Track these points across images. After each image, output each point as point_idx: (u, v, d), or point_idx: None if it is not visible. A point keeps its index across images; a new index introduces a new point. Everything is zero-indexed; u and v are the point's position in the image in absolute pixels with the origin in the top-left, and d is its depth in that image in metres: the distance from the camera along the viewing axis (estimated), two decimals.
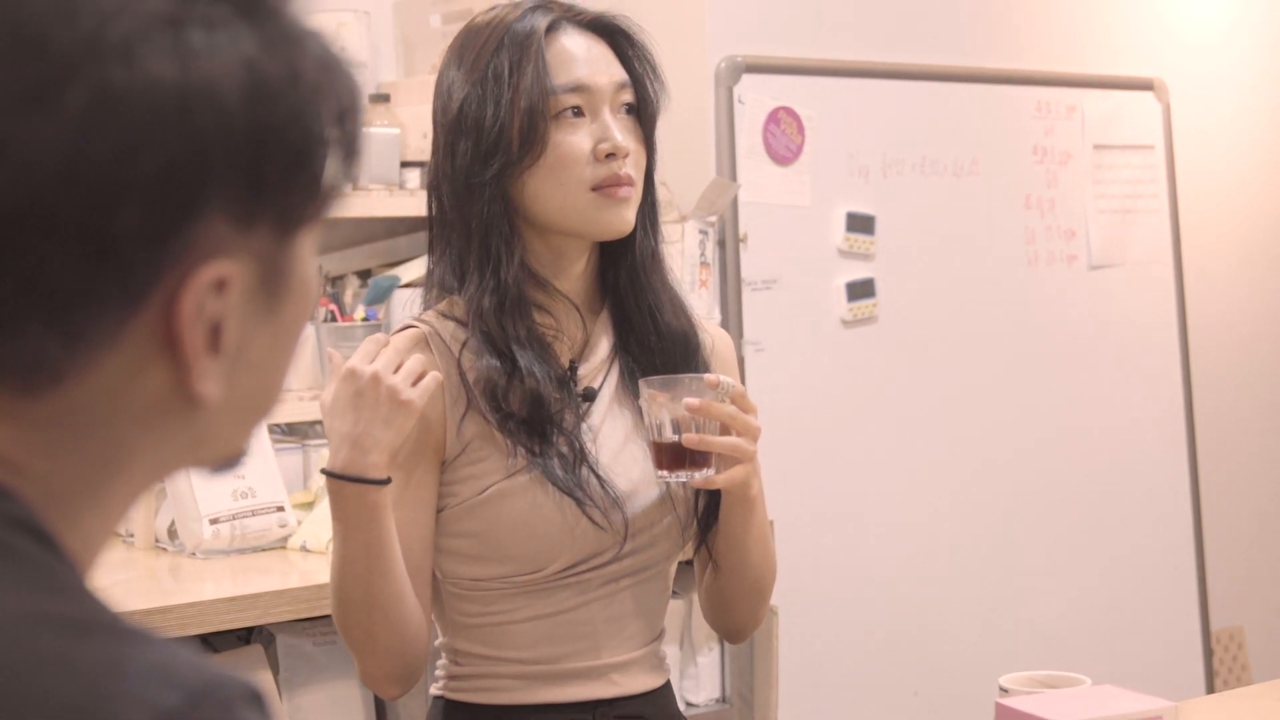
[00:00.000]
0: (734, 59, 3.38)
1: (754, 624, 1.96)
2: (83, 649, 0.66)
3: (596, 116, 1.76)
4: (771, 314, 3.40)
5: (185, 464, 0.80)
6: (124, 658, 0.67)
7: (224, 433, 0.79)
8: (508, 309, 1.76)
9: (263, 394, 0.79)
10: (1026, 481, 3.79)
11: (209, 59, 0.72)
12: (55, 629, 0.67)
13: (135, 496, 0.78)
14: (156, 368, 0.73)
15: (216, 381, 0.75)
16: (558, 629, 1.79)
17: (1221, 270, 4.33)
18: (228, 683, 0.68)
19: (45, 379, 0.72)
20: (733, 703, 3.27)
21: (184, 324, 0.72)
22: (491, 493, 1.76)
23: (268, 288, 0.76)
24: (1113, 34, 4.08)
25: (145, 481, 0.78)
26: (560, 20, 1.78)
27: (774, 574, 1.93)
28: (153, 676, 0.66)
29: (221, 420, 0.78)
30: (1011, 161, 3.81)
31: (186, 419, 0.76)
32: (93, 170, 0.69)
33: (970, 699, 2.47)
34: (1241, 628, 4.37)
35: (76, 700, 0.64)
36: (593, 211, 1.75)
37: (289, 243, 0.77)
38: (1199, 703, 2.32)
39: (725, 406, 1.73)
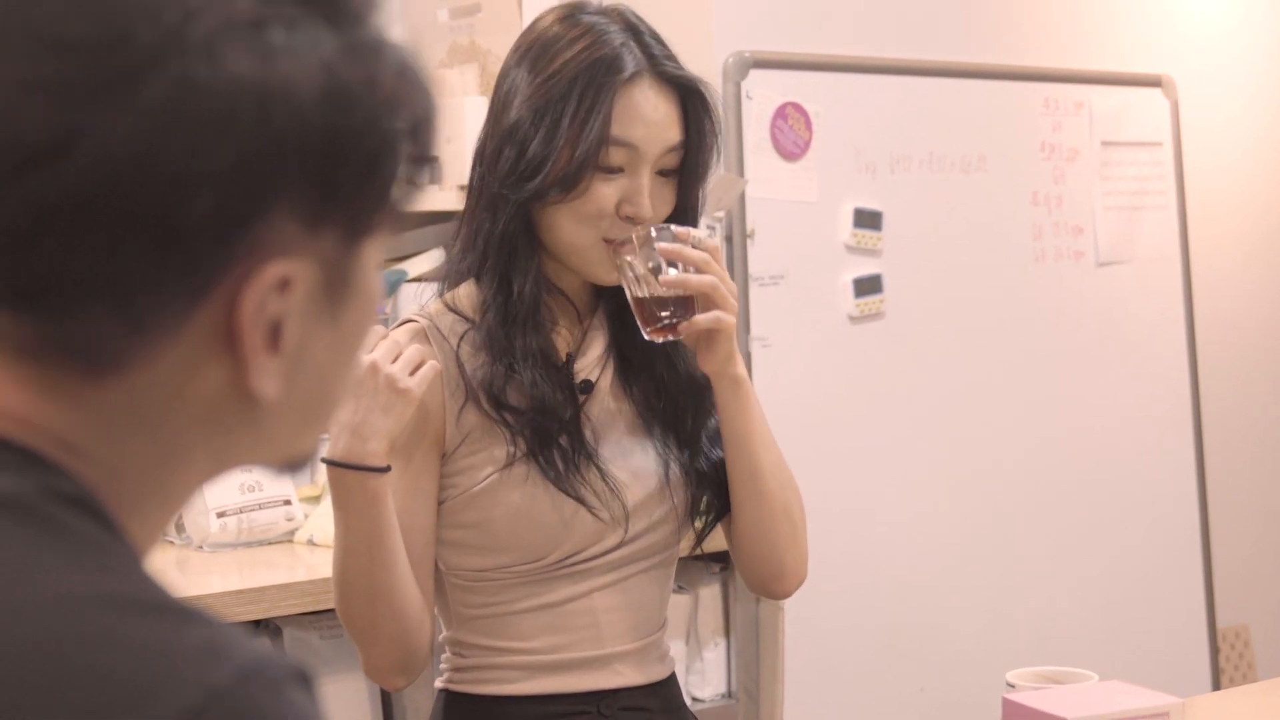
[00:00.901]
0: (741, 54, 3.38)
1: (795, 559, 1.88)
2: (134, 626, 0.67)
3: (634, 176, 1.76)
4: (779, 309, 3.40)
5: (248, 461, 0.80)
6: (175, 636, 0.67)
7: (285, 434, 0.80)
8: (519, 321, 1.77)
9: (322, 397, 0.80)
10: (1033, 477, 3.79)
11: (289, 60, 0.73)
12: (108, 606, 0.68)
13: (195, 487, 0.79)
14: (216, 363, 0.74)
15: (275, 380, 0.75)
16: (560, 619, 1.80)
17: (1229, 267, 4.33)
18: (277, 663, 0.69)
19: (108, 364, 0.73)
20: (738, 698, 3.27)
21: (245, 320, 0.73)
22: (490, 483, 1.76)
23: (331, 292, 0.77)
24: (1121, 31, 4.08)
25: (206, 473, 0.79)
26: (643, 72, 1.76)
27: (798, 500, 1.88)
28: (203, 655, 0.67)
29: (282, 421, 0.79)
30: (1019, 158, 3.80)
31: (246, 416, 0.77)
32: (167, 162, 0.70)
33: (977, 694, 2.47)
34: (1247, 626, 4.37)
35: (126, 676, 0.65)
36: (595, 257, 1.77)
37: (355, 249, 0.78)
38: (1205, 699, 2.32)
39: (698, 252, 1.74)
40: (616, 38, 1.76)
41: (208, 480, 0.80)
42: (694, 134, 1.79)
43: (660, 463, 1.85)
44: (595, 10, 1.81)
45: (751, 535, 1.86)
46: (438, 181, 3.11)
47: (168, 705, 0.64)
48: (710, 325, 1.74)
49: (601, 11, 1.81)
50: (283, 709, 0.67)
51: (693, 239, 1.75)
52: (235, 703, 0.66)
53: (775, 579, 1.89)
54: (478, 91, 3.15)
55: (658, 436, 1.86)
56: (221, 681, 0.66)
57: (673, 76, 1.78)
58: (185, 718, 0.64)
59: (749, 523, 1.86)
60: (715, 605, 3.28)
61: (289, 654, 0.70)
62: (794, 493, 1.87)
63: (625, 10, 1.82)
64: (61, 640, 0.66)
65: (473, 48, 3.24)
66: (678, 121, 1.78)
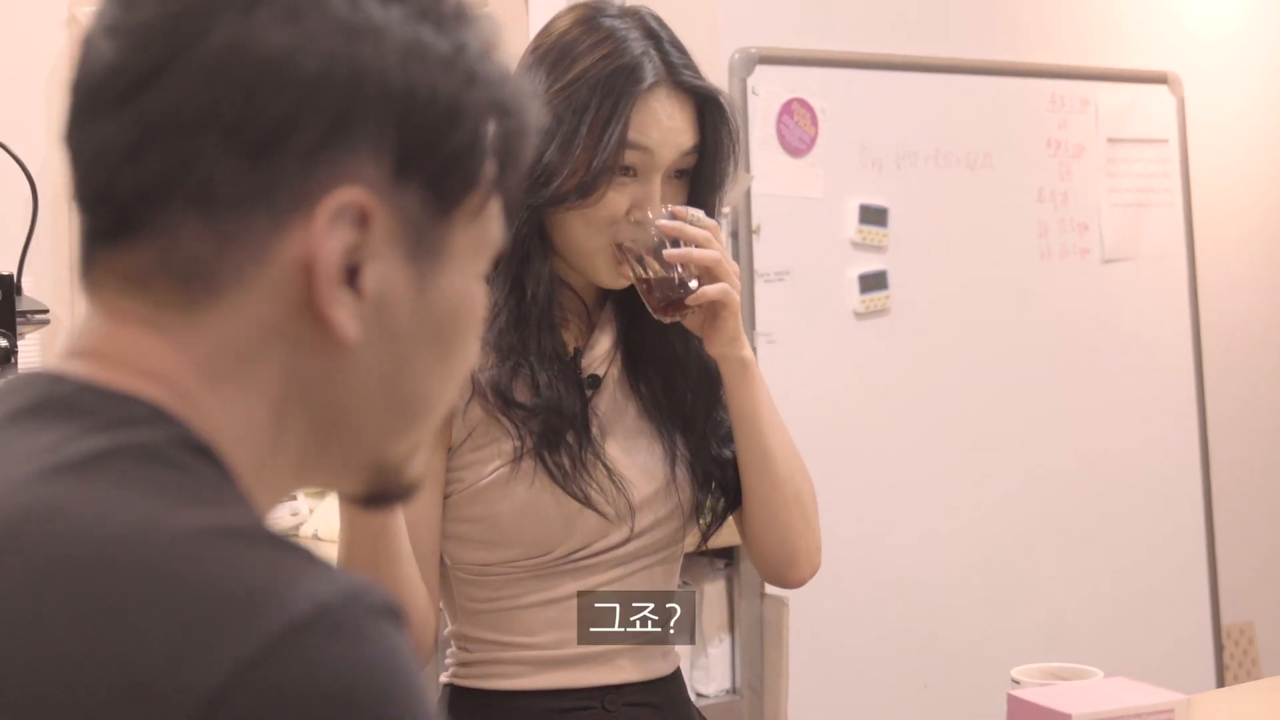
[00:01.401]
0: (748, 50, 3.38)
1: (808, 545, 1.87)
2: (250, 551, 0.72)
3: (647, 181, 1.76)
4: (784, 305, 3.40)
5: (341, 453, 0.83)
6: (287, 560, 0.73)
7: (373, 416, 0.83)
8: (532, 323, 1.77)
9: (412, 386, 0.83)
10: (1038, 474, 3.79)
11: (380, 8, 0.79)
12: (227, 535, 0.73)
13: (296, 457, 0.82)
14: (301, 301, 0.78)
15: (354, 320, 0.79)
16: (565, 614, 1.80)
17: (1234, 264, 4.33)
18: (378, 592, 0.73)
19: (200, 288, 0.78)
20: (743, 694, 3.27)
21: (318, 231, 0.77)
22: (496, 477, 1.77)
23: (416, 255, 0.81)
24: (1127, 28, 4.08)
25: (303, 443, 0.82)
26: (662, 81, 1.76)
27: (809, 485, 1.87)
28: (311, 576, 0.72)
29: (368, 392, 0.82)
30: (1025, 154, 3.80)
31: (331, 366, 0.80)
32: (254, 74, 0.76)
33: (981, 691, 2.47)
34: (1252, 623, 4.37)
35: (243, 589, 0.70)
36: (601, 261, 1.77)
37: (442, 220, 0.81)
38: (1210, 696, 2.32)
39: (698, 230, 1.74)
40: (637, 46, 1.76)
41: (306, 462, 0.83)
42: (709, 140, 1.79)
43: (666, 459, 1.85)
44: (615, 13, 1.80)
45: (763, 521, 1.85)
46: None
47: (280, 613, 0.69)
48: (718, 296, 1.74)
49: (621, 15, 1.80)
50: (378, 633, 0.72)
51: (691, 217, 1.75)
52: (339, 618, 0.70)
53: (788, 566, 1.88)
54: None
55: (664, 432, 1.86)
56: (329, 598, 0.71)
57: (691, 86, 1.78)
58: (294, 626, 0.69)
59: (760, 508, 1.85)
60: (720, 601, 3.28)
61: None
62: (805, 479, 1.87)
63: (645, 14, 1.81)
64: (187, 560, 0.71)
65: None
66: (693, 128, 1.78)
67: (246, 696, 0.67)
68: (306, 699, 0.68)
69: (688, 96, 1.78)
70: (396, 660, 0.72)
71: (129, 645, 0.68)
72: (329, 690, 0.69)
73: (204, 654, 0.68)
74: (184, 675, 0.68)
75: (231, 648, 0.68)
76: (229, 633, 0.69)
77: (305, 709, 0.68)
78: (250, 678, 0.68)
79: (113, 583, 0.70)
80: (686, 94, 1.77)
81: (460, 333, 0.85)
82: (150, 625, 0.69)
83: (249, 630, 0.69)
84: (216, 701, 0.67)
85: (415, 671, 0.74)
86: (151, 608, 0.69)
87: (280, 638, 0.69)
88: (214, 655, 0.68)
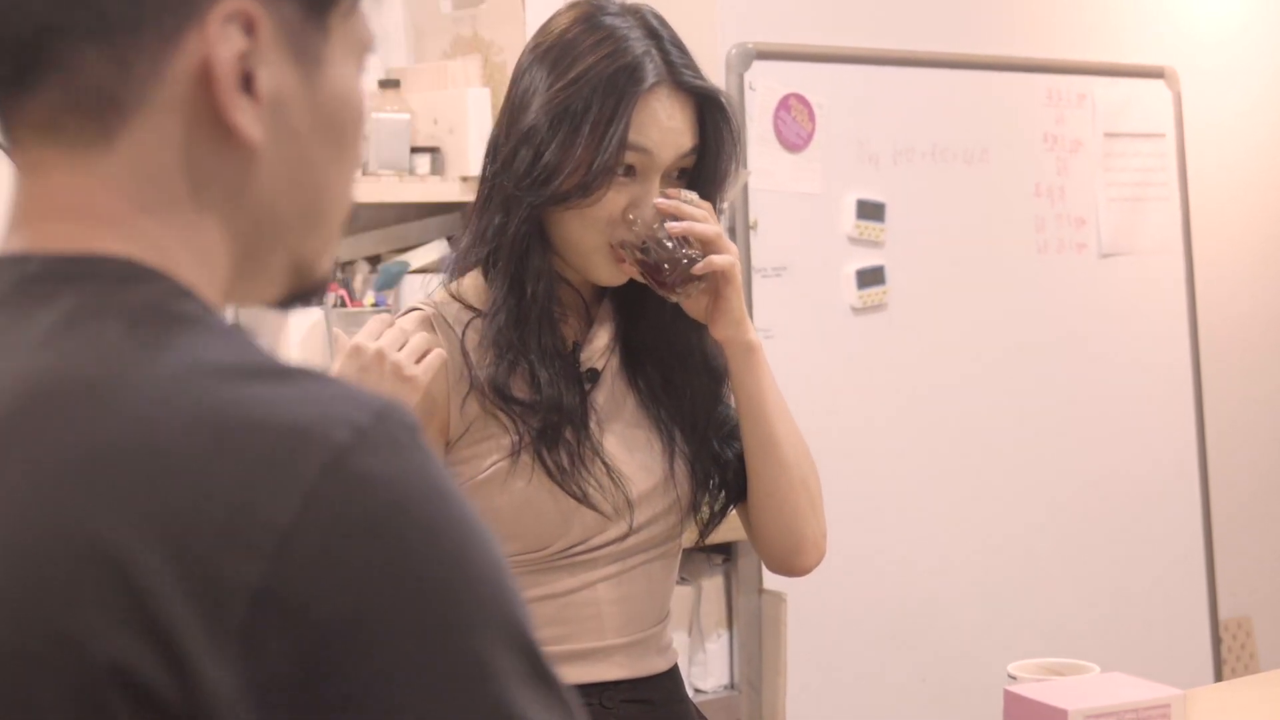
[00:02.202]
0: (745, 46, 3.38)
1: (815, 532, 1.87)
2: (275, 386, 0.78)
3: (645, 182, 1.77)
4: (781, 301, 3.40)
5: (265, 263, 0.87)
6: (314, 388, 0.78)
7: (287, 218, 0.87)
8: (532, 320, 1.77)
9: (315, 184, 0.87)
10: (1035, 469, 3.79)
11: None
12: (248, 373, 0.78)
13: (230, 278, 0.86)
14: (205, 114, 0.82)
15: (255, 123, 0.83)
16: (563, 609, 1.80)
17: (1232, 259, 4.33)
18: (402, 408, 0.79)
19: (113, 115, 0.82)
20: (741, 689, 3.27)
21: (211, 40, 0.81)
22: (494, 471, 1.77)
23: (301, 61, 0.85)
24: (1123, 22, 4.08)
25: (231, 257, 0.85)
26: (663, 82, 1.77)
27: (814, 471, 1.87)
28: (339, 401, 0.78)
29: (278, 195, 0.86)
30: (1022, 149, 3.80)
31: (242, 172, 0.84)
32: None
33: (979, 686, 2.47)
34: (1250, 618, 4.37)
35: (284, 425, 0.76)
36: (597, 260, 1.79)
37: (318, 24, 0.86)
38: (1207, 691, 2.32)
39: (693, 209, 1.76)
40: (638, 45, 1.76)
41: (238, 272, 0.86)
42: (709, 141, 1.79)
43: (665, 454, 1.85)
44: (616, 11, 1.80)
45: (769, 507, 1.85)
46: (440, 172, 3.11)
47: (325, 443, 0.75)
48: (726, 265, 1.75)
49: (621, 13, 1.80)
50: (411, 444, 0.78)
51: (685, 197, 1.76)
52: (376, 437, 0.76)
53: (794, 553, 1.87)
54: (480, 83, 3.15)
55: (663, 427, 1.86)
56: (362, 420, 0.76)
57: (692, 86, 1.78)
58: (339, 453, 0.75)
59: (766, 494, 1.85)
60: (718, 597, 3.28)
61: None
62: (811, 465, 1.87)
63: (646, 12, 1.81)
64: (227, 406, 0.76)
65: (475, 39, 3.24)
66: (692, 128, 1.78)
67: (314, 526, 0.73)
68: (366, 516, 0.75)
69: (688, 96, 1.78)
70: (431, 465, 0.78)
71: (195, 496, 0.74)
72: (383, 502, 0.75)
73: (268, 495, 0.74)
74: (258, 515, 0.73)
75: (289, 484, 0.74)
76: (283, 471, 0.74)
77: (367, 526, 0.74)
78: (314, 509, 0.74)
79: (161, 444, 0.75)
80: (687, 94, 1.78)
81: (351, 127, 0.89)
82: (211, 475, 0.74)
83: (303, 465, 0.74)
84: (290, 535, 0.73)
85: (446, 471, 0.80)
86: (208, 460, 0.74)
87: (331, 466, 0.74)
88: (276, 495, 0.74)
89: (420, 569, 0.75)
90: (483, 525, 0.80)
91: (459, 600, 0.76)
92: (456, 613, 0.76)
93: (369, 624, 0.74)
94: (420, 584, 0.75)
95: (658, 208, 1.74)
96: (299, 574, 0.73)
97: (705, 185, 1.81)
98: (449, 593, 0.76)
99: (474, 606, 0.77)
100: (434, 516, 0.77)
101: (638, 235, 1.75)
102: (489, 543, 0.79)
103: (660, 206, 1.75)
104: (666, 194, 1.77)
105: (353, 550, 0.74)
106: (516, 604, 0.79)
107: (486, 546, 0.79)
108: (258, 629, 0.73)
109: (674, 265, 1.75)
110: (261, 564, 0.73)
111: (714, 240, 1.75)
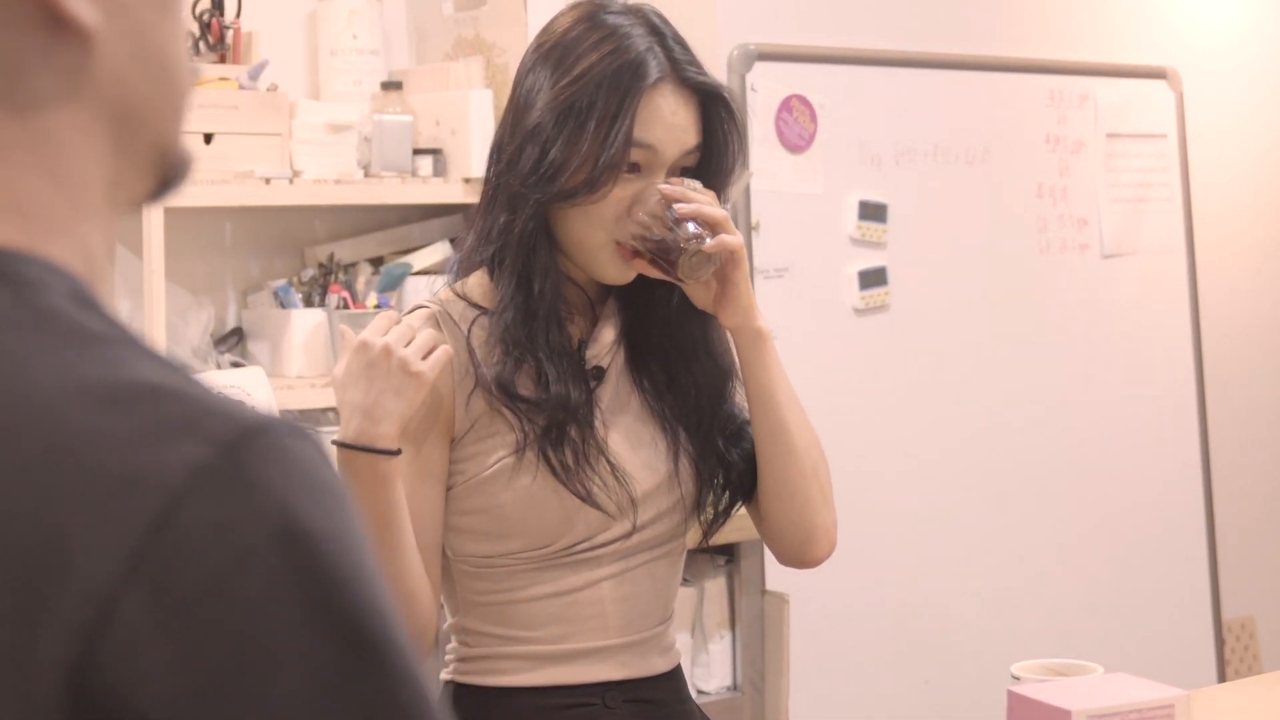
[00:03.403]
0: (746, 47, 3.38)
1: (826, 521, 1.86)
2: (124, 417, 0.67)
3: (650, 178, 1.77)
4: (783, 302, 3.40)
5: (137, 154, 0.79)
6: (162, 417, 0.67)
7: (151, 100, 0.79)
8: (539, 318, 1.78)
9: (161, 53, 0.79)
10: (1037, 469, 3.79)
11: None
12: (85, 397, 0.67)
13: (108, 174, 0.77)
14: (26, 8, 0.73)
15: (86, 6, 0.74)
16: (567, 608, 1.80)
17: (1234, 259, 4.33)
18: (274, 424, 0.68)
19: None
20: (744, 690, 3.27)
21: None
22: (498, 468, 1.77)
23: None
24: (1125, 23, 4.08)
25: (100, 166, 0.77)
26: (667, 78, 1.77)
27: (824, 460, 1.87)
28: (187, 432, 0.66)
29: (125, 77, 0.77)
30: (1024, 150, 3.80)
31: (84, 62, 0.75)
32: None
33: (982, 687, 2.47)
34: (1253, 618, 4.37)
35: (114, 469, 0.65)
36: (603, 258, 1.79)
37: None
38: (1210, 691, 2.32)
39: (697, 194, 1.77)
40: (641, 42, 1.77)
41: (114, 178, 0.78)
42: (714, 138, 1.80)
43: (670, 452, 1.85)
44: (618, 10, 1.80)
45: (780, 495, 1.85)
46: (443, 174, 3.11)
47: (156, 489, 0.64)
48: (737, 245, 1.76)
49: (624, 12, 1.80)
50: (276, 474, 0.67)
51: (689, 184, 1.77)
52: (224, 475, 0.65)
53: (806, 542, 1.86)
54: (483, 84, 3.15)
55: (668, 426, 1.86)
56: (207, 457, 0.65)
57: (695, 83, 1.78)
58: (171, 500, 0.65)
59: (778, 483, 1.84)
60: (721, 598, 3.28)
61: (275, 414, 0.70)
62: (821, 454, 1.87)
63: (648, 11, 1.82)
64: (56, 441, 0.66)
65: (478, 40, 3.25)
66: (696, 125, 1.79)
67: (138, 593, 0.63)
68: (199, 580, 0.64)
69: (691, 93, 1.78)
70: (297, 498, 0.67)
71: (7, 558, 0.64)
72: (219, 561, 0.65)
73: (88, 555, 0.64)
74: (78, 579, 0.63)
75: (112, 543, 0.64)
76: (107, 527, 0.64)
77: (200, 592, 0.64)
78: (138, 572, 0.63)
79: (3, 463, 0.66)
80: (690, 90, 1.78)
81: None
82: (37, 525, 0.65)
83: (129, 519, 0.64)
84: (110, 604, 0.63)
85: (329, 497, 0.69)
86: (40, 506, 0.65)
87: (160, 520, 0.64)
88: (98, 556, 0.64)
89: (257, 646, 0.64)
90: (358, 565, 0.68)
91: (308, 678, 0.65)
92: (303, 695, 0.65)
93: (201, 715, 0.64)
94: (257, 664, 0.64)
95: (663, 194, 1.75)
96: (119, 652, 0.63)
97: (710, 181, 1.81)
98: (293, 670, 0.65)
99: (325, 687, 0.66)
100: (280, 571, 0.65)
101: (646, 222, 1.75)
102: (355, 589, 0.67)
103: (665, 192, 1.75)
104: (670, 181, 1.77)
105: (181, 625, 0.63)
106: (390, 673, 0.68)
107: (351, 596, 0.67)
108: (75, 717, 0.63)
109: (687, 246, 1.75)
110: (79, 638, 0.63)
111: (722, 222, 1.76)
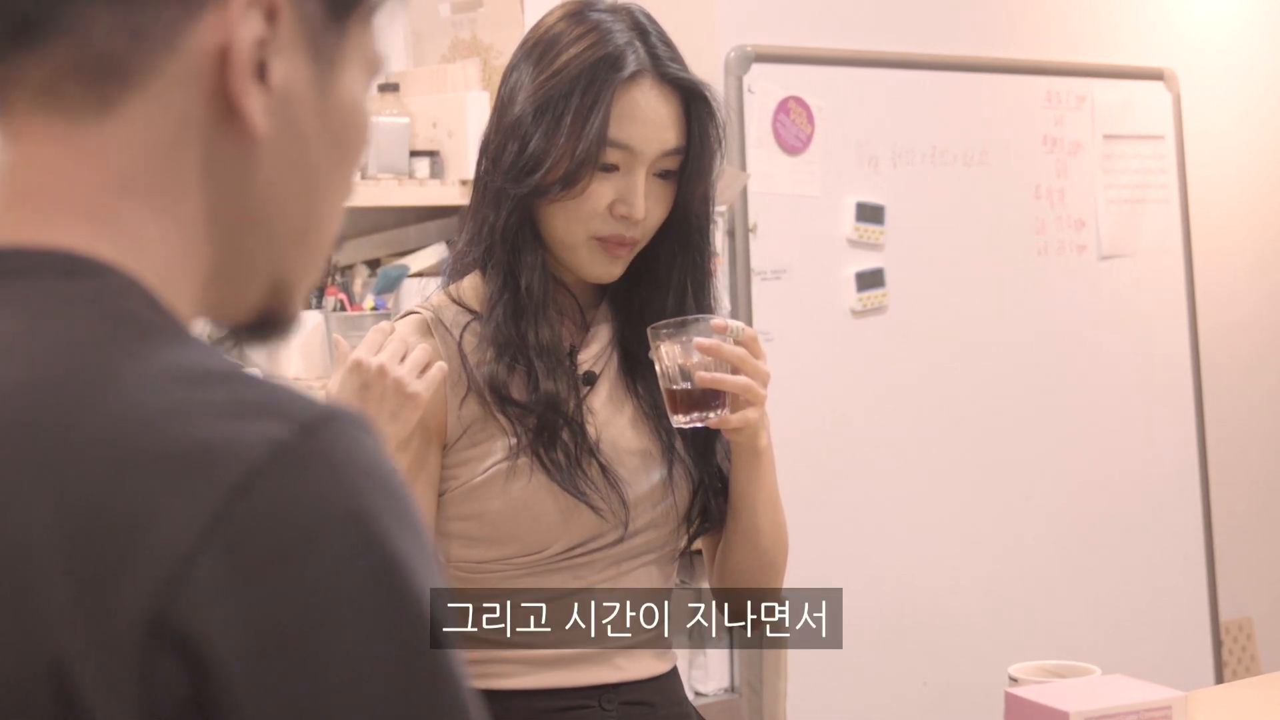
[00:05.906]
0: (743, 48, 3.38)
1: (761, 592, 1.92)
2: (206, 393, 0.73)
3: (629, 175, 1.76)
4: (781, 304, 3.40)
5: (251, 265, 0.83)
6: (241, 398, 0.73)
7: (280, 223, 0.82)
8: (528, 314, 1.77)
9: (314, 192, 0.83)
10: (1035, 471, 3.79)
11: None
12: (184, 380, 0.73)
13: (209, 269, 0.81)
14: (213, 91, 0.79)
15: (264, 112, 0.79)
16: (562, 612, 1.80)
17: (1231, 260, 4.33)
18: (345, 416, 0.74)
19: (116, 84, 0.77)
20: (742, 692, 3.27)
21: (233, 19, 0.78)
22: (492, 474, 1.77)
23: (316, 60, 0.82)
24: (1122, 24, 4.08)
25: (213, 251, 0.81)
26: (644, 72, 1.76)
27: (785, 552, 1.91)
28: (266, 412, 0.72)
29: (275, 196, 0.81)
30: (1021, 151, 3.80)
31: (240, 166, 0.80)
32: None
33: (980, 688, 2.47)
34: (1250, 619, 4.37)
35: (197, 440, 0.70)
36: (586, 255, 1.78)
37: (338, 25, 0.82)
38: (1208, 693, 2.32)
39: (735, 349, 1.74)
40: (621, 36, 1.76)
41: (216, 274, 0.82)
42: (695, 138, 1.79)
43: (663, 460, 1.85)
44: (603, 8, 1.80)
45: (734, 579, 1.90)
46: (440, 176, 3.11)
47: (236, 461, 0.70)
48: (739, 425, 1.75)
49: (609, 10, 1.80)
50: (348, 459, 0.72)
51: (731, 330, 1.75)
52: (301, 454, 0.71)
53: (737, 617, 1.93)
54: (479, 86, 3.15)
55: (662, 433, 1.86)
56: (285, 435, 0.71)
57: (675, 79, 1.77)
58: (251, 472, 0.70)
59: (734, 570, 1.89)
60: None
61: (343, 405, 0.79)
62: (783, 549, 1.92)
63: (635, 9, 1.82)
64: (143, 412, 0.71)
65: (474, 42, 3.24)
66: (678, 124, 1.77)
67: (215, 554, 0.69)
68: (272, 546, 0.69)
69: (672, 90, 1.78)
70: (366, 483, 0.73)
71: (103, 506, 0.69)
72: (293, 530, 0.70)
73: (169, 517, 0.69)
74: (158, 538, 0.69)
75: (193, 507, 0.69)
76: (189, 492, 0.69)
77: (271, 557, 0.69)
78: (216, 535, 0.69)
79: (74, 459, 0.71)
80: (671, 87, 1.77)
81: (355, 142, 0.86)
82: (122, 488, 0.70)
83: (210, 486, 0.69)
84: (188, 562, 0.68)
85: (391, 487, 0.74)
86: (125, 470, 0.70)
87: (239, 488, 0.69)
88: (178, 518, 0.69)
89: (324, 609, 0.70)
90: (417, 552, 0.74)
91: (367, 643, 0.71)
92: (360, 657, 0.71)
93: (269, 665, 0.69)
94: (323, 625, 0.70)
95: (697, 346, 1.73)
96: (194, 605, 0.68)
97: (688, 182, 1.80)
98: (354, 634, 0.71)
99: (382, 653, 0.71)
100: (350, 546, 0.71)
101: (666, 367, 1.74)
102: (414, 573, 0.73)
103: (700, 346, 1.73)
104: (713, 326, 1.74)
105: (254, 584, 0.69)
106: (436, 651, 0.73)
107: (409, 578, 0.72)
108: (153, 663, 0.68)
109: (691, 407, 1.75)
110: (158, 591, 0.68)
111: (741, 393, 1.75)
